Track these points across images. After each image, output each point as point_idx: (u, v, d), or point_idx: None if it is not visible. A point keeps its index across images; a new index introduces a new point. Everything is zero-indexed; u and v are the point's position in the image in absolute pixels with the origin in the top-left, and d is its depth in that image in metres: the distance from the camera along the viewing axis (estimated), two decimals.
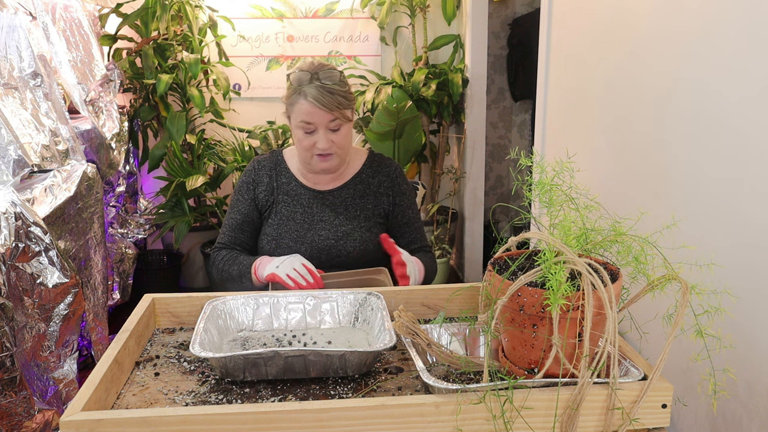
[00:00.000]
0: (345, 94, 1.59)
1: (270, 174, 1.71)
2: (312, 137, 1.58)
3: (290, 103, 1.60)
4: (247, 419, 0.87)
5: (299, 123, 1.58)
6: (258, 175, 1.71)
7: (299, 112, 1.57)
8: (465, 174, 3.79)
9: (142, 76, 3.29)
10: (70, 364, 1.99)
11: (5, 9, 2.20)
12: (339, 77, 1.59)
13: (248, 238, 1.72)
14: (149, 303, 1.25)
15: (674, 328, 0.89)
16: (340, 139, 1.60)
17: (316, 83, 1.55)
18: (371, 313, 1.22)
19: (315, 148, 1.59)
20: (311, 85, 1.55)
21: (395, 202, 1.73)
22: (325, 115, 1.56)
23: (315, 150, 1.60)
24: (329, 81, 1.56)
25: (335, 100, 1.55)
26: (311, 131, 1.58)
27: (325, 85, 1.55)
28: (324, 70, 1.57)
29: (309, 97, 1.54)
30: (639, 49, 1.42)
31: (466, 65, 3.66)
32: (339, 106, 1.56)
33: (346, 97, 1.59)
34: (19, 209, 1.79)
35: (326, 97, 1.54)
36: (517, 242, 1.02)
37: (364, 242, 1.66)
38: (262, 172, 1.71)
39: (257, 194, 1.70)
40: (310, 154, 1.61)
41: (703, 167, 1.18)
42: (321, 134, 1.58)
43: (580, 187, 1.01)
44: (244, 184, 1.72)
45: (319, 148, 1.58)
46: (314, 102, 1.54)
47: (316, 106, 1.54)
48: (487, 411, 0.89)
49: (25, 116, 2.16)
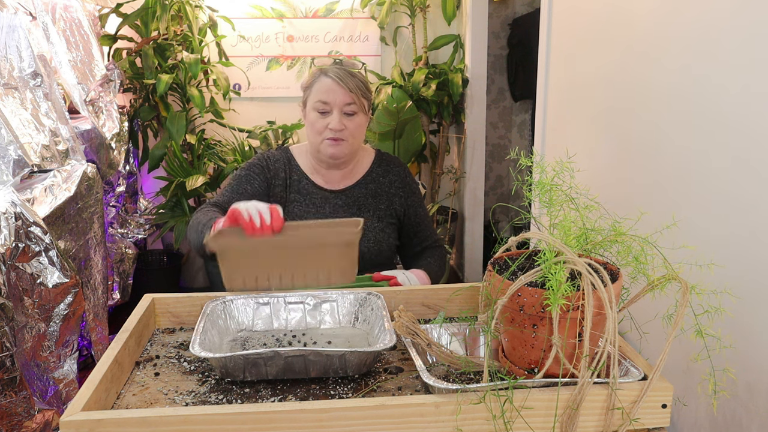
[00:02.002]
0: (364, 81, 1.64)
1: (285, 169, 1.68)
2: (326, 118, 1.60)
3: (309, 86, 1.63)
4: (247, 419, 0.87)
5: (316, 103, 1.60)
6: (274, 167, 1.68)
7: (318, 91, 1.60)
8: (465, 174, 3.79)
9: (142, 76, 3.29)
10: (70, 364, 1.99)
11: (5, 9, 2.20)
12: (360, 67, 1.69)
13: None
14: (149, 303, 1.25)
15: (674, 328, 0.89)
16: (353, 126, 1.61)
17: (338, 65, 1.62)
18: (371, 313, 1.22)
19: (327, 131, 1.59)
20: (333, 66, 1.62)
21: (408, 203, 1.74)
22: (344, 95, 1.58)
23: (327, 133, 1.60)
24: (350, 67, 1.64)
25: (354, 81, 1.60)
26: (326, 111, 1.60)
27: (346, 68, 1.62)
28: (347, 61, 1.67)
29: (330, 74, 1.60)
30: (639, 49, 1.42)
31: (466, 65, 3.66)
32: (358, 89, 1.60)
33: (364, 83, 1.64)
34: (19, 209, 1.79)
35: (347, 77, 1.59)
36: (517, 242, 1.02)
37: (377, 242, 1.66)
38: (277, 165, 1.68)
39: (273, 185, 1.66)
40: (321, 138, 1.61)
41: (703, 167, 1.18)
42: (335, 115, 1.59)
43: (580, 187, 1.01)
44: (258, 167, 1.66)
45: (331, 129, 1.59)
46: (335, 78, 1.59)
47: (336, 82, 1.58)
48: (487, 411, 0.89)
49: (25, 116, 2.15)
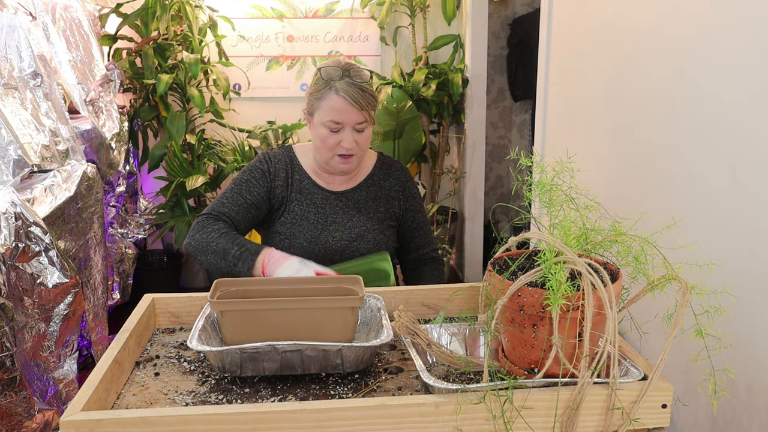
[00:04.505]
0: (373, 94, 1.57)
1: (286, 169, 1.66)
2: (337, 136, 1.55)
3: (317, 98, 1.56)
4: (247, 419, 0.87)
5: (328, 122, 1.54)
6: (275, 168, 1.65)
7: (328, 109, 1.54)
8: (465, 174, 3.79)
9: (142, 76, 3.29)
10: (70, 364, 1.99)
11: (5, 9, 2.20)
12: (368, 77, 1.57)
13: (249, 219, 1.63)
14: (149, 303, 1.25)
15: (674, 328, 0.89)
16: (363, 140, 1.58)
17: (347, 80, 1.53)
18: (370, 314, 1.22)
19: (339, 147, 1.56)
20: (342, 81, 1.53)
21: (406, 207, 1.73)
22: (356, 114, 1.53)
23: (338, 150, 1.57)
24: (359, 79, 1.54)
25: (365, 98, 1.53)
26: (337, 130, 1.55)
27: (356, 83, 1.53)
28: (354, 69, 1.56)
29: (341, 92, 1.52)
30: (639, 48, 1.42)
31: (466, 65, 3.66)
32: (368, 105, 1.55)
33: (374, 96, 1.57)
34: (19, 209, 1.79)
35: (357, 94, 1.52)
36: (517, 242, 1.02)
37: (377, 244, 1.65)
38: (278, 166, 1.65)
39: (274, 187, 1.64)
40: (332, 154, 1.58)
41: (703, 167, 1.18)
42: (347, 133, 1.55)
43: (580, 187, 1.01)
44: (259, 171, 1.64)
45: (344, 147, 1.56)
46: (345, 97, 1.52)
47: (347, 101, 1.52)
48: (487, 411, 0.89)
49: (25, 116, 2.16)
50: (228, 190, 1.63)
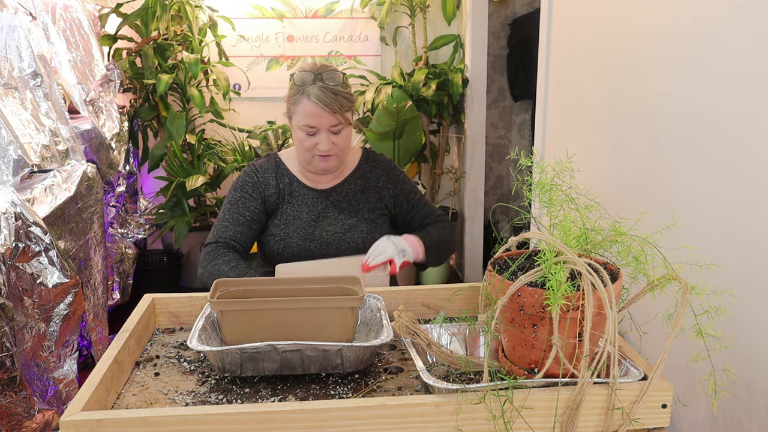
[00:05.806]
0: (347, 96, 1.61)
1: (275, 176, 1.71)
2: (314, 138, 1.61)
3: (293, 103, 1.61)
4: (247, 419, 0.87)
5: (303, 125, 1.60)
6: (264, 177, 1.70)
7: (302, 114, 1.59)
8: (465, 174, 3.79)
9: (142, 76, 3.29)
10: (70, 364, 1.99)
11: (5, 9, 2.20)
12: (342, 79, 1.60)
13: (253, 236, 1.69)
14: (149, 303, 1.25)
15: (674, 328, 0.89)
16: (340, 141, 1.63)
17: (320, 84, 1.57)
18: (370, 314, 1.22)
19: (316, 149, 1.62)
20: (314, 86, 1.57)
21: (397, 191, 1.77)
22: (329, 118, 1.58)
23: (316, 151, 1.62)
24: (332, 82, 1.58)
25: (338, 101, 1.57)
26: (313, 133, 1.60)
27: (328, 86, 1.57)
28: (327, 71, 1.59)
29: (312, 97, 1.56)
30: (639, 49, 1.42)
31: (466, 65, 3.66)
32: (341, 108, 1.58)
33: (348, 98, 1.61)
34: (19, 209, 1.79)
35: (329, 98, 1.56)
36: (517, 242, 1.02)
37: (370, 233, 1.69)
38: (267, 175, 1.71)
39: (267, 195, 1.68)
40: (311, 155, 1.64)
41: (703, 167, 1.18)
42: (323, 136, 1.60)
43: (580, 187, 1.01)
44: (250, 184, 1.69)
45: (320, 149, 1.61)
46: (317, 102, 1.56)
47: (319, 106, 1.56)
48: (487, 411, 0.89)
49: (25, 116, 2.16)
50: (226, 211, 1.68)
